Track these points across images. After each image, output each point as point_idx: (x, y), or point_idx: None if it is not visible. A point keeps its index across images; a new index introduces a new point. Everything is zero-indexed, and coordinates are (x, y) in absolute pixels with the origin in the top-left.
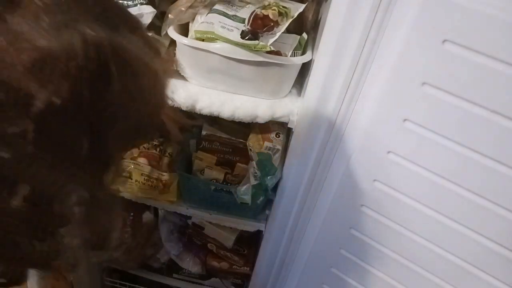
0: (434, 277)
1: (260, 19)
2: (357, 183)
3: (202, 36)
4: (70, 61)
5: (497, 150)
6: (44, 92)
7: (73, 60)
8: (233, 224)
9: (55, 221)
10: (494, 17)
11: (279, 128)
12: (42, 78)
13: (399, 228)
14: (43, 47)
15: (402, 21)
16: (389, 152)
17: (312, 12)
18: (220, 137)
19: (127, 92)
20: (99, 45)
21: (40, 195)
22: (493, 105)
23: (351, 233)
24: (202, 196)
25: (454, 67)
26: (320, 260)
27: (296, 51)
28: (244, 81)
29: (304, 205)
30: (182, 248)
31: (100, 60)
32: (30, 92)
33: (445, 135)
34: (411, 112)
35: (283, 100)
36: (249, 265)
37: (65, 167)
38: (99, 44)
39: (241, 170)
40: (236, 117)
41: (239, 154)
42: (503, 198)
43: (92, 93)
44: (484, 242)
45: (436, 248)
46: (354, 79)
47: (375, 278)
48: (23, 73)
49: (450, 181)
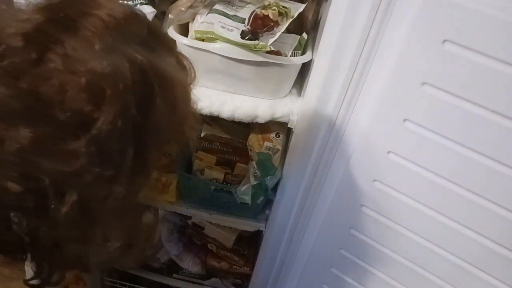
0: (434, 277)
1: (260, 19)
2: (357, 183)
3: (202, 36)
4: (119, 83)
5: (497, 150)
6: (97, 112)
7: (122, 81)
8: (233, 224)
9: (98, 225)
10: (494, 17)
11: (279, 128)
12: (95, 98)
13: (399, 228)
14: (96, 70)
15: (402, 21)
16: (389, 152)
17: (312, 12)
18: (220, 137)
19: (166, 108)
20: (143, 67)
21: (86, 201)
22: (493, 105)
23: (351, 233)
24: (202, 196)
25: (454, 67)
26: (320, 260)
27: (296, 51)
28: (244, 81)
29: (304, 205)
30: (182, 248)
31: (144, 80)
32: (85, 112)
33: (445, 135)
34: (411, 112)
35: (283, 100)
36: (249, 265)
37: (110, 176)
38: (143, 66)
39: (241, 170)
40: (236, 117)
41: (239, 154)
42: (503, 198)
43: (139, 111)
44: (484, 242)
45: (436, 248)
46: (354, 79)
47: (375, 278)
48: (78, 94)
49: (450, 181)
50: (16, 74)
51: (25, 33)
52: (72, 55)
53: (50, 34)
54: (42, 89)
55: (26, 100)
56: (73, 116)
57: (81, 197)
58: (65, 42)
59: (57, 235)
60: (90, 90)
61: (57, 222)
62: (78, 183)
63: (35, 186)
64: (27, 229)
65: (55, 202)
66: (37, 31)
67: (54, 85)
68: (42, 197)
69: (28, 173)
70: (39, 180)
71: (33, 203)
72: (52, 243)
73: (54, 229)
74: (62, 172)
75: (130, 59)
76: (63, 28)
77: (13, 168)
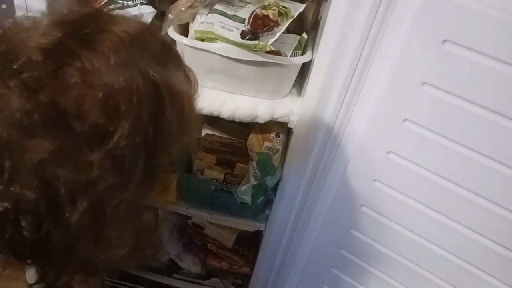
0: (434, 277)
1: (260, 19)
2: (357, 183)
3: (202, 36)
4: (133, 97)
5: (497, 150)
6: (112, 125)
7: (136, 95)
8: (233, 224)
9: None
10: (494, 17)
11: (279, 128)
12: (110, 112)
13: (399, 228)
14: (111, 84)
15: (402, 21)
16: (389, 152)
17: (312, 12)
18: (220, 137)
19: (174, 119)
20: (156, 82)
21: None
22: (493, 105)
23: (351, 233)
24: (202, 196)
25: (454, 67)
26: (320, 260)
27: (296, 51)
28: (244, 81)
29: (304, 205)
30: (182, 248)
31: (156, 94)
32: (101, 124)
33: (445, 135)
34: (411, 112)
35: (283, 100)
36: (249, 265)
37: (121, 185)
38: (156, 81)
39: (241, 170)
40: (236, 117)
41: (239, 154)
42: (503, 198)
43: (150, 123)
44: (484, 242)
45: (436, 248)
46: (354, 79)
47: (375, 278)
48: (95, 107)
49: (450, 181)
50: (35, 87)
51: (45, 48)
52: (89, 69)
53: (68, 48)
54: (60, 102)
55: (45, 112)
56: (90, 129)
57: (92, 205)
58: (82, 56)
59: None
60: (106, 104)
61: (67, 228)
62: (90, 192)
63: (49, 194)
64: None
65: (67, 209)
66: (56, 46)
67: (71, 98)
68: (55, 204)
69: (44, 182)
70: (54, 188)
71: (46, 209)
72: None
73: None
74: (77, 182)
75: (144, 74)
76: (81, 43)
77: (31, 177)
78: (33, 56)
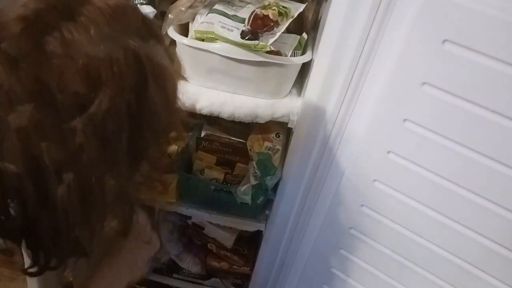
0: (434, 277)
1: (260, 19)
2: (357, 183)
3: (202, 36)
4: (114, 67)
5: (497, 150)
6: (93, 93)
7: (116, 66)
8: (233, 224)
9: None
10: (494, 17)
11: (279, 128)
12: (91, 81)
13: (399, 228)
14: (91, 54)
15: (402, 21)
16: (389, 152)
17: (312, 12)
18: (220, 137)
19: (158, 96)
20: (137, 55)
21: (83, 184)
22: (493, 105)
23: (351, 233)
24: (202, 196)
25: (454, 67)
26: (320, 260)
27: (296, 51)
28: (244, 81)
29: (304, 205)
30: (182, 248)
31: (138, 67)
32: (82, 93)
33: (445, 135)
34: (411, 112)
35: (283, 100)
36: (249, 265)
37: (106, 158)
38: (137, 54)
39: (241, 170)
40: (236, 117)
41: (239, 154)
42: (503, 198)
43: (132, 96)
44: (484, 242)
45: (436, 248)
46: (354, 79)
47: (375, 278)
48: (75, 76)
49: (450, 181)
50: (16, 57)
51: (25, 17)
52: (69, 39)
53: (48, 19)
54: (41, 71)
55: (26, 82)
56: (71, 97)
57: (78, 180)
58: (62, 27)
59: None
60: (86, 73)
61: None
62: (75, 165)
63: (34, 167)
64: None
65: (52, 184)
66: (36, 16)
67: (52, 68)
68: (41, 180)
69: (29, 155)
70: (39, 162)
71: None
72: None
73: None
74: (61, 153)
75: (124, 46)
76: (61, 14)
77: (15, 150)
78: (14, 27)
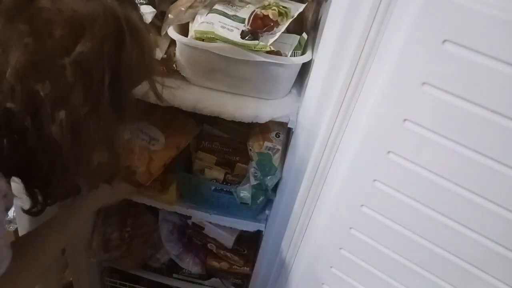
0: (435, 277)
1: (260, 19)
2: (357, 183)
3: (202, 36)
4: (94, 22)
5: (497, 150)
6: (77, 40)
7: (96, 22)
8: (233, 224)
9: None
10: (494, 17)
11: (279, 128)
12: (76, 31)
13: (399, 228)
14: (76, 10)
15: (402, 21)
16: (389, 152)
17: (312, 12)
18: (220, 137)
19: (135, 51)
20: (115, 13)
21: (72, 121)
22: (493, 105)
23: (351, 233)
24: (202, 196)
25: (454, 67)
26: (320, 260)
27: (296, 51)
28: (244, 81)
29: (304, 205)
30: (182, 248)
31: (116, 23)
32: (68, 40)
33: (445, 135)
34: (411, 112)
35: (283, 100)
36: (249, 265)
37: (91, 101)
38: (115, 12)
39: (241, 170)
40: (237, 117)
41: (239, 154)
42: (503, 198)
43: (111, 47)
44: (485, 242)
45: (436, 248)
46: (354, 79)
47: (375, 278)
48: (63, 26)
49: (450, 181)
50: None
51: None
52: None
53: None
54: (34, 22)
55: (21, 31)
56: (59, 41)
57: (68, 117)
58: None
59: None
60: (72, 23)
61: (49, 141)
62: (66, 103)
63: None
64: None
65: (47, 120)
66: None
67: (43, 19)
68: (36, 116)
69: (25, 93)
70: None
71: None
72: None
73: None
74: (53, 91)
75: (105, 5)
76: None
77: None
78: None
